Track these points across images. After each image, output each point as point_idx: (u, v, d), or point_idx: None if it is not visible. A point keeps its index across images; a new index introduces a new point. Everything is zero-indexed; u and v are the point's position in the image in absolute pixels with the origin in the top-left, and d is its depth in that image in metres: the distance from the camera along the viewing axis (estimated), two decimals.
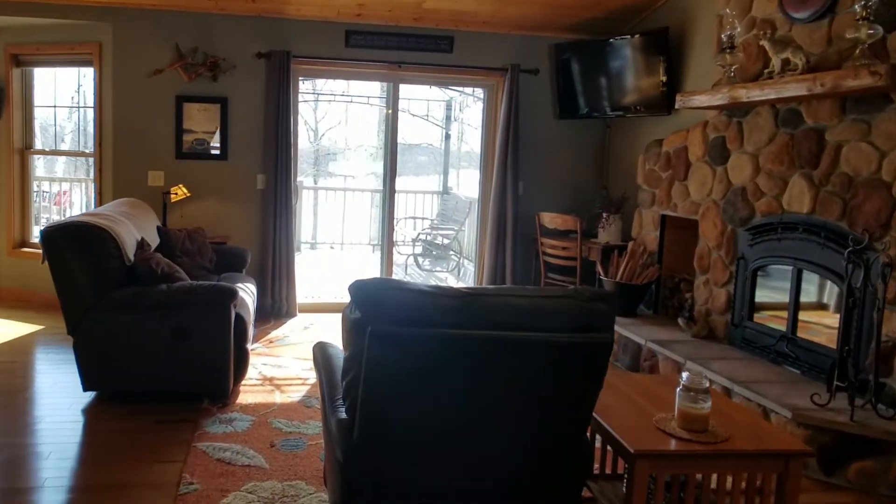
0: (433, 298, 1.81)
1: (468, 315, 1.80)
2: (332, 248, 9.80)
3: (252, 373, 4.44)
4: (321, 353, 2.60)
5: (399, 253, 8.54)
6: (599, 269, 5.19)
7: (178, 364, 3.87)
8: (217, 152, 5.88)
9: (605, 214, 5.57)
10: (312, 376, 4.46)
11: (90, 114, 6.24)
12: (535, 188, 6.21)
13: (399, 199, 9.78)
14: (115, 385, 3.95)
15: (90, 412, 3.81)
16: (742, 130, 4.30)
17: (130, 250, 4.07)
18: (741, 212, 4.29)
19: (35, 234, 6.31)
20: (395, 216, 6.90)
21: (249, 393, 4.13)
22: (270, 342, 5.21)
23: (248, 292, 4.74)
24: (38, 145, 6.48)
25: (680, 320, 4.67)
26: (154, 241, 4.91)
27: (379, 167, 15.13)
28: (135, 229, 4.43)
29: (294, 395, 4.13)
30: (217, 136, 5.86)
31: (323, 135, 15.50)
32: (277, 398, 4.07)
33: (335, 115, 15.32)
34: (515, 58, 6.02)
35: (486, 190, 6.29)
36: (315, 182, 14.89)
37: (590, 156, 6.33)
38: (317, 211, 10.23)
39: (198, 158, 5.86)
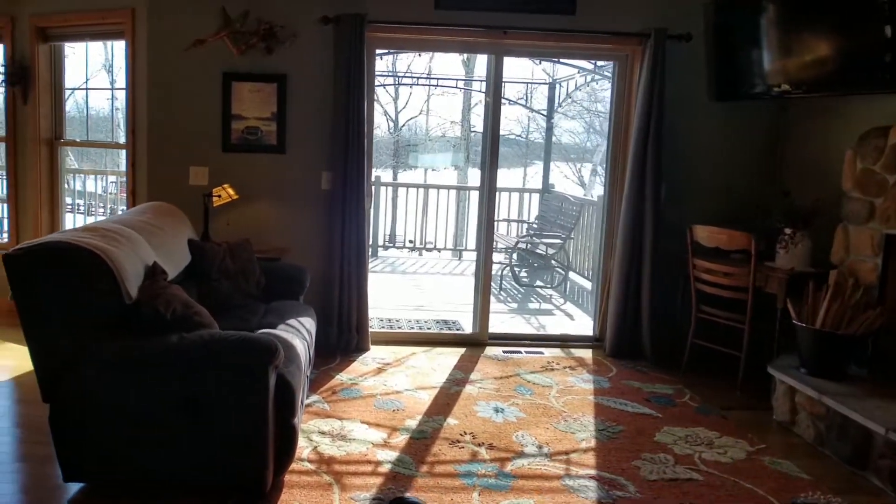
0: None
1: None
2: (412, 249, 8.52)
3: (304, 448, 3.20)
4: None
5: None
6: (790, 307, 3.68)
7: (192, 448, 2.71)
8: (273, 143, 4.67)
9: (787, 230, 4.04)
10: (387, 457, 3.17)
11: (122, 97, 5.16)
12: (682, 192, 4.72)
13: (475, 198, 8.45)
14: (106, 474, 2.78)
15: None
16: None
17: (134, 282, 2.88)
18: None
19: None
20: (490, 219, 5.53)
21: (296, 488, 2.86)
22: (333, 392, 3.95)
23: (301, 334, 3.49)
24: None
25: None
26: (184, 259, 3.73)
27: (460, 160, 13.85)
28: (151, 248, 3.24)
29: (361, 494, 2.83)
30: (273, 124, 4.65)
31: (403, 125, 14.28)
32: (336, 499, 2.78)
33: (416, 101, 14.07)
34: (660, 19, 4.55)
35: (614, 192, 4.85)
36: (394, 177, 13.72)
37: (758, 150, 4.78)
38: (396, 206, 8.97)
39: (249, 151, 4.67)
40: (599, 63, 7.30)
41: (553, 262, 6.95)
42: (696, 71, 4.68)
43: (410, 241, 8.46)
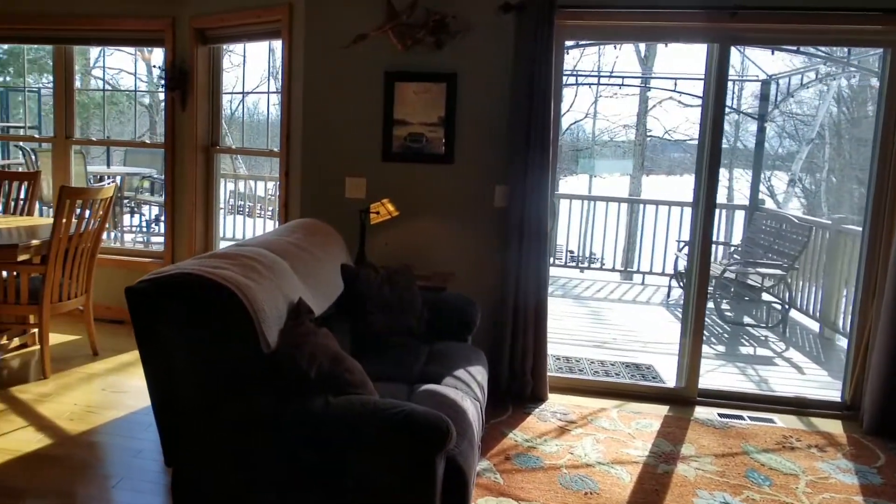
0: None
1: None
2: (575, 267, 7.67)
3: None
4: None
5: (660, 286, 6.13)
6: None
7: None
8: (439, 152, 4.00)
9: None
10: None
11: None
12: None
13: (649, 211, 7.45)
14: None
15: None
16: None
17: (275, 325, 2.26)
18: None
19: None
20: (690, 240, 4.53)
21: None
22: (506, 458, 3.18)
23: (473, 392, 2.77)
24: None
25: None
26: (336, 289, 3.12)
27: (633, 167, 12.69)
28: (298, 278, 2.65)
29: None
30: (440, 130, 3.98)
31: (567, 128, 13.33)
32: None
33: (581, 103, 13.04)
34: None
35: (878, 216, 3.68)
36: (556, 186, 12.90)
37: None
38: (561, 217, 8.12)
39: (411, 161, 4.03)
40: (856, 51, 6.06)
41: (769, 295, 5.75)
42: None
43: (571, 252, 7.62)
